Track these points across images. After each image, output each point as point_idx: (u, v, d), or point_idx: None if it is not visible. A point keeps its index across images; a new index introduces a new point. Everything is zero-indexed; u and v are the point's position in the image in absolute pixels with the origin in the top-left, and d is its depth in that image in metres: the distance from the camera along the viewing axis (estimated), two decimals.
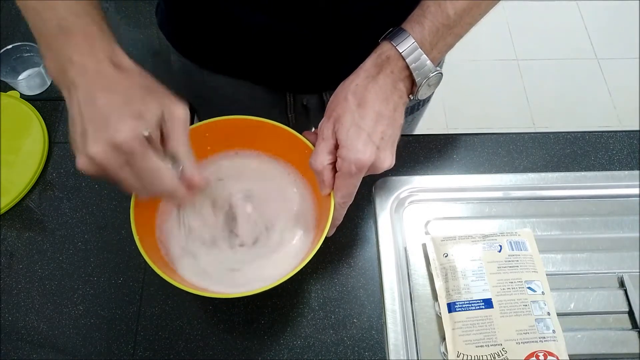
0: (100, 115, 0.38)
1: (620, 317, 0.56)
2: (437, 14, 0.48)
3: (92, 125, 0.38)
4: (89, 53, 0.40)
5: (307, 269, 0.47)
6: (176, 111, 0.40)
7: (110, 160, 0.38)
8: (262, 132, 0.55)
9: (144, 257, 0.46)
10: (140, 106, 0.39)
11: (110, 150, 0.38)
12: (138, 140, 0.38)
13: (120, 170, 0.39)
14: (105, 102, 0.38)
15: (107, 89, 0.39)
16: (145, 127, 0.38)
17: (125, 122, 0.38)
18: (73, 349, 0.54)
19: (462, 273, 0.56)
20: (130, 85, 0.40)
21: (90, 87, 0.39)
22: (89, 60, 0.40)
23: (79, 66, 0.39)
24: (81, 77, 0.39)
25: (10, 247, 0.61)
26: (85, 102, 0.39)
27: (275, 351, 0.54)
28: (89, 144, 0.38)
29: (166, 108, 0.40)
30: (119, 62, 0.41)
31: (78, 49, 0.40)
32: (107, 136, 0.37)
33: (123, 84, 0.40)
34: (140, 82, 0.41)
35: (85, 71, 0.39)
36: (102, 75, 0.39)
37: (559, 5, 2.12)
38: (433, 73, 0.49)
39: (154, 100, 0.40)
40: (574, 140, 0.69)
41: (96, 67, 0.40)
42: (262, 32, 0.61)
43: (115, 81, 0.40)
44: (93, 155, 0.38)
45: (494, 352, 0.52)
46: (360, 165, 0.46)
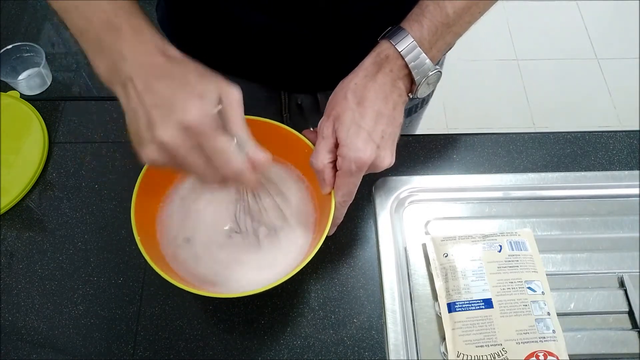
0: (164, 101, 0.38)
1: (620, 317, 0.56)
2: (436, 13, 0.48)
3: (158, 112, 0.38)
4: (140, 47, 0.40)
5: (307, 269, 0.47)
6: (232, 92, 0.40)
7: (181, 143, 0.37)
8: (262, 131, 0.55)
9: (144, 256, 0.46)
10: (200, 88, 0.39)
11: (182, 133, 0.37)
12: (207, 119, 0.37)
13: (191, 153, 0.38)
14: (166, 88, 0.38)
15: (163, 76, 0.39)
16: (210, 106, 0.38)
17: (191, 103, 0.37)
18: (73, 349, 0.54)
19: (462, 273, 0.56)
20: (186, 72, 0.40)
21: (147, 77, 0.39)
22: (141, 54, 0.40)
23: (132, 60, 0.39)
24: (136, 69, 0.39)
25: (10, 247, 0.61)
26: (145, 92, 0.38)
27: (275, 351, 0.54)
28: (158, 130, 0.37)
29: (223, 90, 0.40)
30: (170, 53, 0.41)
31: (129, 43, 0.40)
32: (176, 118, 0.37)
33: (178, 71, 0.40)
34: (193, 67, 0.41)
35: (140, 64, 0.39)
36: (156, 66, 0.40)
37: (559, 5, 2.12)
38: (432, 72, 0.49)
39: (210, 82, 0.40)
40: (574, 140, 0.69)
41: (149, 59, 0.40)
42: (262, 32, 0.61)
43: (170, 69, 0.40)
44: (165, 140, 0.37)
45: (494, 352, 0.52)
46: (361, 163, 0.46)
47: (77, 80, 1.16)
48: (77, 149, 0.68)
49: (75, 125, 0.70)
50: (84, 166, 0.66)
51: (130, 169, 0.66)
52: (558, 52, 2.00)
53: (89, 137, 0.69)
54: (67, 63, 1.20)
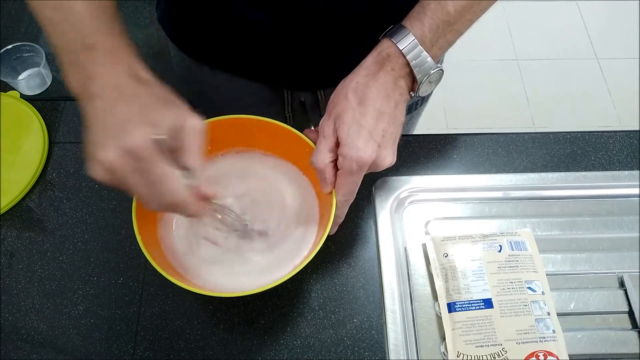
0: (115, 124, 0.39)
1: (620, 317, 0.56)
2: (437, 11, 0.48)
3: (106, 133, 0.39)
4: (111, 68, 0.41)
5: (307, 269, 0.47)
6: (191, 122, 0.41)
7: (120, 165, 0.38)
8: (263, 130, 0.55)
9: (145, 255, 0.46)
10: (156, 115, 0.39)
11: (121, 155, 0.38)
12: (149, 146, 0.38)
13: (131, 177, 0.39)
14: (122, 111, 0.39)
15: (125, 100, 0.40)
16: (157, 133, 0.39)
17: (138, 129, 0.38)
18: (73, 349, 0.54)
19: (462, 273, 0.56)
20: (148, 96, 0.41)
21: (109, 98, 0.40)
22: (110, 75, 0.41)
23: (100, 80, 0.40)
24: (102, 90, 0.40)
25: (10, 247, 0.61)
26: (102, 112, 0.40)
27: (275, 351, 0.54)
28: (100, 150, 0.38)
29: (182, 119, 0.40)
30: (139, 75, 0.42)
31: (100, 64, 0.41)
32: (119, 142, 0.38)
33: (141, 95, 0.41)
34: (158, 93, 0.42)
35: (106, 85, 0.40)
36: (122, 88, 0.40)
37: (559, 5, 2.12)
38: (434, 70, 0.49)
39: (170, 111, 0.40)
40: (574, 140, 0.69)
41: (117, 80, 0.41)
42: (262, 30, 0.61)
43: (134, 93, 0.41)
44: (105, 161, 0.38)
45: (494, 352, 0.52)
46: (362, 163, 0.46)
47: None
48: (77, 149, 0.68)
49: (75, 125, 0.70)
50: (84, 166, 0.66)
51: None
52: (558, 52, 2.00)
53: None
54: None
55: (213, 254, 0.54)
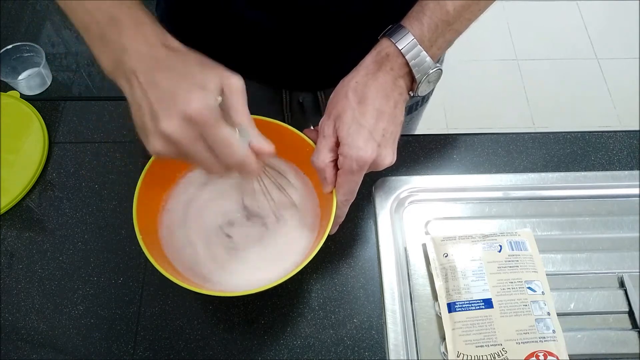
0: (166, 93, 0.38)
1: (620, 317, 0.56)
2: (436, 11, 0.48)
3: (161, 104, 0.38)
4: (143, 40, 0.41)
5: (307, 269, 0.47)
6: (234, 82, 0.41)
7: (185, 134, 0.38)
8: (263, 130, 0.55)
9: (145, 254, 0.46)
10: (201, 79, 0.39)
11: (184, 124, 0.38)
12: (209, 110, 0.38)
13: (194, 144, 0.39)
14: (168, 80, 0.39)
15: (165, 68, 0.40)
16: (212, 96, 0.39)
17: (193, 94, 0.38)
18: (73, 349, 0.54)
19: (462, 273, 0.56)
20: (187, 63, 0.41)
21: (149, 70, 0.40)
22: (143, 47, 0.40)
23: (135, 53, 0.40)
24: (139, 63, 0.40)
25: (10, 247, 0.61)
26: (148, 85, 0.39)
27: (275, 351, 0.54)
28: (162, 122, 0.38)
29: (224, 80, 0.40)
30: (169, 43, 0.42)
31: (131, 37, 0.41)
32: (178, 110, 0.37)
33: (180, 62, 0.41)
34: (194, 58, 0.42)
35: (142, 57, 0.40)
36: (158, 58, 0.40)
37: (559, 5, 2.12)
38: (433, 69, 0.49)
39: (211, 72, 0.40)
40: (574, 140, 0.69)
41: (151, 51, 0.40)
42: (262, 30, 0.61)
43: (172, 61, 0.40)
44: (168, 132, 0.38)
45: (494, 352, 0.52)
46: (362, 162, 0.46)
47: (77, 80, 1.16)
48: (77, 149, 0.68)
49: (75, 125, 0.70)
50: (84, 166, 0.66)
51: (130, 169, 0.66)
52: (558, 52, 2.00)
53: (89, 137, 0.69)
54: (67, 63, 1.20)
55: (213, 254, 0.54)
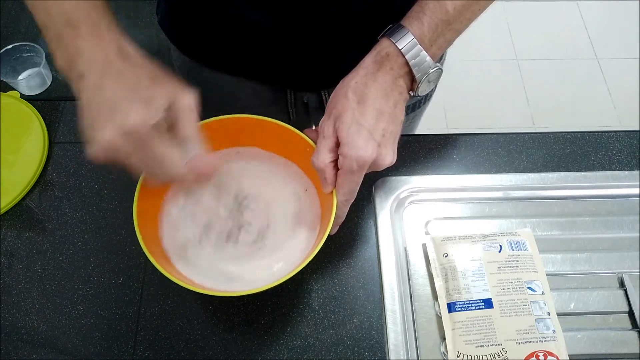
0: (109, 103, 0.39)
1: (620, 317, 0.56)
2: (436, 10, 0.48)
3: (102, 113, 0.39)
4: (97, 45, 0.40)
5: (307, 269, 0.47)
6: (184, 99, 0.41)
7: (120, 145, 0.38)
8: (264, 130, 0.55)
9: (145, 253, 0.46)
10: (149, 93, 0.39)
11: (121, 136, 0.38)
12: (147, 126, 0.38)
13: (130, 156, 0.39)
14: (114, 90, 0.39)
15: (115, 78, 0.40)
16: (154, 113, 0.39)
17: (134, 109, 0.38)
18: (73, 349, 0.54)
19: (462, 273, 0.56)
20: (138, 74, 0.41)
21: (98, 77, 0.40)
22: (97, 52, 0.40)
23: (87, 58, 0.40)
24: (90, 68, 0.40)
25: (10, 247, 0.61)
26: (94, 92, 0.39)
27: (275, 351, 0.54)
28: (99, 131, 0.38)
29: (174, 95, 0.41)
30: (127, 53, 0.42)
31: (86, 41, 0.40)
32: (117, 122, 0.38)
33: (131, 73, 0.41)
34: (147, 70, 0.42)
35: (94, 62, 0.40)
36: (110, 66, 0.40)
37: (559, 5, 2.12)
38: (433, 69, 0.49)
39: (161, 88, 0.41)
40: (574, 140, 0.69)
41: (104, 58, 0.40)
42: (261, 29, 0.61)
43: (123, 71, 0.40)
44: (104, 142, 0.38)
45: (494, 352, 0.52)
46: (362, 162, 0.46)
47: None
48: (77, 149, 0.68)
49: (75, 125, 0.70)
50: (84, 166, 0.66)
51: None
52: (558, 52, 2.00)
53: None
54: None
55: (213, 253, 0.54)
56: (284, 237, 0.54)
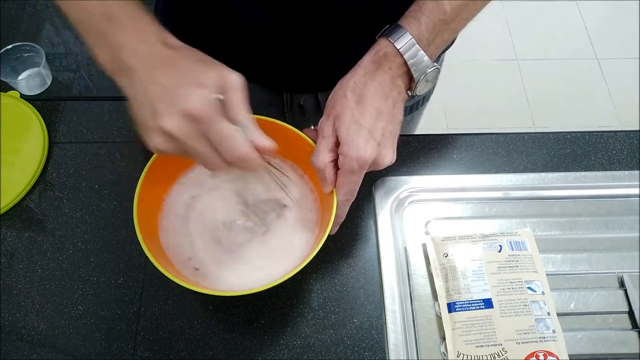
0: (167, 90, 0.38)
1: (620, 317, 0.56)
2: (433, 10, 0.48)
3: (162, 101, 0.38)
4: (140, 36, 0.41)
5: (307, 269, 0.47)
6: (234, 79, 0.41)
7: (186, 131, 0.38)
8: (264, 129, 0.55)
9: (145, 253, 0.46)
10: (200, 76, 0.39)
11: (185, 121, 0.38)
12: (210, 106, 0.38)
13: (195, 141, 0.39)
14: (168, 77, 0.39)
15: (165, 66, 0.40)
16: (211, 95, 0.39)
17: (193, 91, 0.38)
18: (73, 349, 0.54)
19: (462, 273, 0.56)
20: (186, 60, 0.41)
21: (148, 67, 0.39)
22: (141, 43, 0.40)
23: (132, 50, 0.40)
24: (137, 59, 0.40)
25: (10, 247, 0.61)
26: (148, 82, 0.39)
27: (275, 351, 0.54)
28: (163, 119, 0.38)
29: (224, 77, 0.40)
30: (168, 40, 0.42)
31: (128, 34, 0.40)
32: (179, 107, 0.38)
33: (178, 59, 0.41)
34: (193, 55, 0.42)
35: (140, 53, 0.40)
36: (157, 55, 0.40)
37: (559, 5, 2.12)
38: (431, 69, 0.49)
39: (211, 70, 0.40)
40: (574, 140, 0.69)
41: (149, 48, 0.40)
42: (259, 29, 0.61)
43: (170, 58, 0.40)
44: (169, 129, 0.38)
45: (494, 352, 0.52)
46: (362, 162, 0.46)
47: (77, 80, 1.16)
48: (77, 149, 0.68)
49: (75, 125, 0.70)
50: (84, 166, 0.66)
51: (130, 169, 0.66)
52: (558, 52, 2.00)
53: (89, 137, 0.69)
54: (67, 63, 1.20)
55: (213, 253, 0.54)
56: (284, 237, 0.54)
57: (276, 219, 0.56)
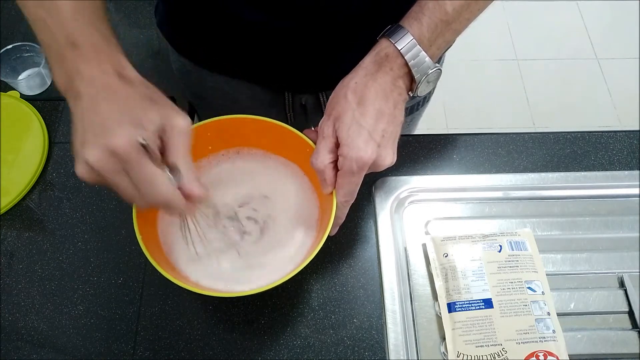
0: (100, 123, 0.39)
1: (620, 317, 0.56)
2: (435, 10, 0.48)
3: (91, 132, 0.39)
4: (96, 65, 0.41)
5: (307, 269, 0.47)
6: (177, 122, 0.41)
7: (106, 165, 0.38)
8: (264, 130, 0.55)
9: (145, 254, 0.46)
10: (141, 115, 0.39)
11: (107, 156, 0.38)
12: (134, 147, 0.38)
13: (116, 177, 0.39)
14: (107, 110, 0.39)
15: (110, 98, 0.40)
16: (143, 134, 0.39)
17: (123, 129, 0.38)
18: (73, 349, 0.54)
19: (462, 273, 0.56)
20: (133, 95, 0.41)
21: (94, 96, 0.40)
22: (95, 72, 0.40)
23: (85, 78, 0.40)
24: (86, 87, 0.40)
25: (10, 247, 0.61)
26: (87, 111, 0.39)
27: (275, 351, 0.54)
28: (86, 150, 0.38)
29: (167, 118, 0.40)
30: (125, 73, 0.41)
31: (85, 61, 0.41)
32: (104, 142, 0.38)
33: (126, 93, 0.40)
34: (143, 92, 0.41)
35: (91, 82, 0.40)
36: (106, 86, 0.40)
37: (559, 5, 2.12)
38: (432, 70, 0.49)
39: (155, 109, 0.40)
40: (574, 140, 0.69)
41: (101, 78, 0.40)
42: (259, 29, 0.61)
43: (118, 91, 0.40)
44: (90, 161, 0.38)
45: (494, 352, 0.52)
46: (362, 163, 0.46)
47: None
48: None
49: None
50: None
51: None
52: (558, 52, 2.00)
53: None
54: None
55: (213, 254, 0.54)
56: (284, 237, 0.54)
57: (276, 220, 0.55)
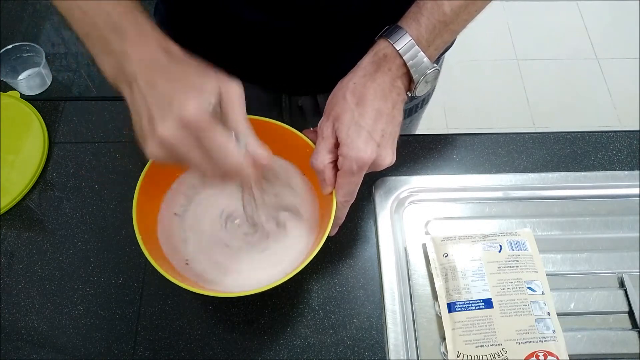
0: (163, 97, 0.39)
1: (620, 317, 0.56)
2: (433, 11, 0.48)
3: (158, 109, 0.38)
4: (144, 46, 0.41)
5: (307, 269, 0.47)
6: (232, 88, 0.41)
7: (180, 138, 0.38)
8: (263, 130, 0.55)
9: (145, 254, 0.46)
10: (199, 84, 0.40)
11: (180, 129, 0.38)
12: (205, 114, 0.38)
13: (190, 148, 0.39)
14: (166, 84, 0.39)
15: (165, 73, 0.40)
16: (208, 102, 0.39)
17: (190, 99, 0.38)
18: (73, 349, 0.54)
19: (462, 273, 0.56)
20: (186, 68, 0.41)
21: (150, 75, 0.40)
22: (144, 53, 0.41)
23: (134, 60, 0.40)
24: (139, 67, 0.40)
25: (10, 247, 0.61)
26: (147, 90, 0.39)
27: (275, 351, 0.54)
28: (158, 126, 0.38)
29: (223, 85, 0.40)
30: (171, 49, 0.42)
31: (133, 44, 0.41)
32: (174, 115, 0.38)
33: (179, 68, 0.41)
34: (194, 64, 0.42)
35: (143, 62, 0.40)
36: (158, 63, 0.40)
37: (559, 5, 2.12)
38: (430, 70, 0.49)
39: (210, 78, 0.41)
40: (574, 140, 0.69)
41: (152, 57, 0.41)
42: (258, 29, 0.61)
43: (171, 67, 0.41)
44: (164, 137, 0.38)
45: (494, 352, 0.52)
46: (362, 163, 0.46)
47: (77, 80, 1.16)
48: (77, 149, 0.68)
49: (75, 125, 0.70)
50: (84, 166, 0.66)
51: (130, 169, 0.66)
52: (558, 52, 2.00)
53: (89, 137, 0.69)
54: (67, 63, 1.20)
55: (213, 254, 0.54)
56: (284, 237, 0.54)
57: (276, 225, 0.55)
